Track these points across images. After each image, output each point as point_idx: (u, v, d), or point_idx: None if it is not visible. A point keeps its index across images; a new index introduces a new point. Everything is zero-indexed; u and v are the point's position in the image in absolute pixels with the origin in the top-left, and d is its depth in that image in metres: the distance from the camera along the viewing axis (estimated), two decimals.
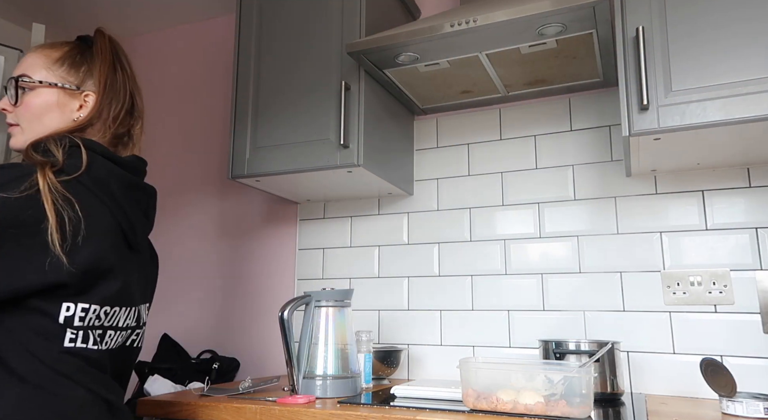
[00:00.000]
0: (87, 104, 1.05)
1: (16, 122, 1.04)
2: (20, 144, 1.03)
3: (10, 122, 1.05)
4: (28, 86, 1.03)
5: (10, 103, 1.04)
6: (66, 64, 1.05)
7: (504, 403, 1.11)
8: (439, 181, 1.88)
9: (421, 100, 1.83)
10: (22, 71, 1.04)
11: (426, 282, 1.84)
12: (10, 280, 0.82)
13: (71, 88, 1.05)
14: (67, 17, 2.45)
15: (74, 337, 0.89)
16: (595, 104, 1.71)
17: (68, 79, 1.05)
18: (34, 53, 1.06)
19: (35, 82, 1.03)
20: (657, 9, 1.29)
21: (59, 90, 1.04)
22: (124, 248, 0.99)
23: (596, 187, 1.67)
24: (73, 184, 0.91)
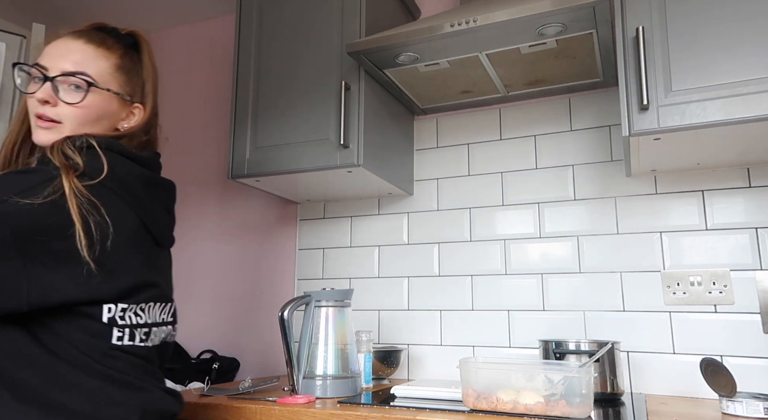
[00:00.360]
0: (134, 116, 1.03)
1: (59, 119, 0.95)
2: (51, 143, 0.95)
3: (51, 117, 0.95)
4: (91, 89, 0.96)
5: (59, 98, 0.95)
6: (125, 73, 1.01)
7: (504, 403, 1.11)
8: (439, 181, 1.88)
9: (421, 100, 1.83)
10: (78, 67, 0.96)
11: (426, 282, 1.84)
12: (42, 292, 0.80)
13: (125, 98, 1.01)
14: (67, 17, 2.45)
15: (121, 335, 0.89)
16: (595, 104, 1.71)
17: (125, 89, 1.01)
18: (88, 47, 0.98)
19: (104, 89, 0.97)
20: (657, 9, 1.29)
21: (116, 98, 1.00)
22: (153, 248, 0.98)
23: (596, 187, 1.67)
24: (97, 187, 0.88)
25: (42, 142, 0.95)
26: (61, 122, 0.95)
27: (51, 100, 0.94)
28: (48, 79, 0.94)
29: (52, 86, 0.94)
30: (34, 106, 0.96)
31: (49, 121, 0.95)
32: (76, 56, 0.97)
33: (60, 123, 0.95)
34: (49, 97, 0.94)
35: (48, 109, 0.95)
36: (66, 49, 0.97)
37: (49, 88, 0.94)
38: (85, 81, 0.95)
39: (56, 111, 0.95)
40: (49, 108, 0.95)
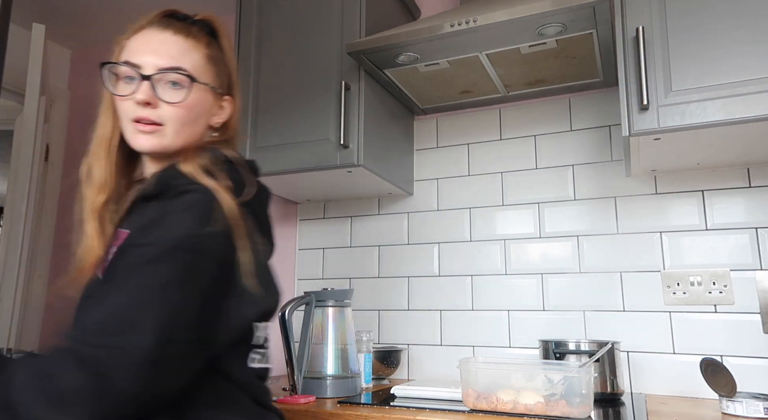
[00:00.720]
0: (224, 109, 0.93)
1: (161, 122, 0.85)
2: (161, 147, 0.86)
3: (153, 120, 0.84)
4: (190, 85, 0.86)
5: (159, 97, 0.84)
6: (214, 64, 0.91)
7: (504, 403, 1.11)
8: (439, 181, 1.88)
9: (421, 100, 1.83)
10: (175, 62, 0.85)
11: (426, 282, 1.84)
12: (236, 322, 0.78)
13: (218, 91, 0.91)
14: (67, 17, 2.45)
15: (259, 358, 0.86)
16: (595, 104, 1.71)
17: (216, 81, 0.91)
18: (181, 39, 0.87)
19: (206, 85, 0.88)
20: (657, 9, 1.29)
21: (211, 92, 0.90)
22: None
23: (596, 187, 1.67)
24: (243, 207, 0.81)
25: (144, 149, 0.85)
26: (163, 124, 0.85)
27: (152, 102, 0.84)
28: (145, 78, 0.83)
29: (152, 85, 0.84)
30: (130, 110, 0.85)
31: (150, 125, 0.84)
32: (171, 50, 0.86)
33: (162, 125, 0.85)
34: (150, 98, 0.83)
35: (149, 112, 0.84)
36: (158, 43, 0.86)
37: (149, 88, 0.83)
38: (187, 77, 0.85)
39: (157, 113, 0.84)
40: (150, 110, 0.84)
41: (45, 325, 2.46)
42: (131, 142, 0.86)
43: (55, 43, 2.65)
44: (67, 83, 2.70)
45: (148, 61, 0.85)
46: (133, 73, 0.85)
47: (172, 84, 0.85)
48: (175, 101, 0.84)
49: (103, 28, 2.55)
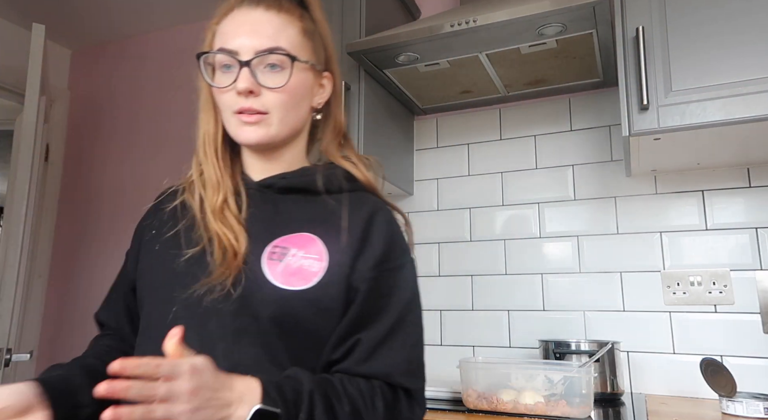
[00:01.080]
0: (324, 88, 0.84)
1: (266, 109, 0.76)
2: (269, 138, 0.77)
3: (258, 109, 0.76)
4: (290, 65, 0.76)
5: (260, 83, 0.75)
6: (310, 38, 0.81)
7: (504, 403, 1.11)
8: (439, 181, 1.88)
9: (421, 100, 1.83)
10: (273, 42, 0.76)
11: (426, 282, 1.84)
12: None
13: (317, 68, 0.81)
14: (66, 17, 2.45)
15: None
16: (595, 104, 1.71)
17: (314, 57, 0.81)
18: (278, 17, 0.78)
19: (307, 63, 0.78)
20: (657, 9, 1.29)
21: (311, 70, 0.80)
22: None
23: (596, 187, 1.67)
24: None
25: (251, 142, 0.77)
26: (268, 112, 0.76)
27: (255, 89, 0.75)
28: (245, 65, 0.74)
29: (252, 71, 0.75)
30: (232, 102, 0.76)
31: (255, 114, 0.76)
32: (266, 29, 0.76)
33: (267, 113, 0.76)
34: (252, 85, 0.74)
35: (253, 101, 0.75)
36: (251, 23, 0.76)
37: (249, 75, 0.74)
38: (286, 56, 0.75)
39: (261, 101, 0.76)
40: (253, 99, 0.75)
41: (45, 325, 2.46)
42: (236, 136, 0.78)
43: (55, 43, 2.65)
44: (67, 83, 2.70)
45: (244, 44, 0.75)
46: (231, 61, 0.76)
47: (271, 67, 0.75)
48: (278, 86, 0.75)
49: (103, 28, 2.55)
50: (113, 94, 2.59)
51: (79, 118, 2.64)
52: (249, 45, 0.75)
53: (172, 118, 2.42)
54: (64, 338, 2.42)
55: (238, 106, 0.76)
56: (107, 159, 2.52)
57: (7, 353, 1.78)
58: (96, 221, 2.47)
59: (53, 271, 2.50)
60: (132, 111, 2.52)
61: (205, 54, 0.79)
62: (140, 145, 2.46)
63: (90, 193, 2.52)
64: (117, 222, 2.42)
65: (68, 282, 2.48)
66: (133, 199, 2.41)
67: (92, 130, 2.59)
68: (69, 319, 2.43)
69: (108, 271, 2.39)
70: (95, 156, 2.56)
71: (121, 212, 2.42)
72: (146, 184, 2.40)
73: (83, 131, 2.62)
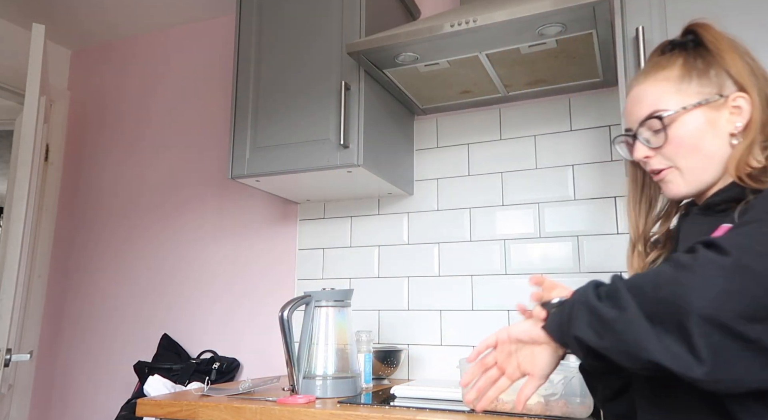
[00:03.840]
0: (739, 108, 0.84)
1: (668, 165, 0.87)
2: (685, 189, 0.86)
3: (660, 167, 0.87)
4: (670, 119, 0.85)
5: (649, 147, 0.88)
6: (694, 77, 0.86)
7: (504, 403, 1.11)
8: (439, 181, 1.88)
9: (421, 100, 1.83)
10: (649, 109, 0.87)
11: (426, 282, 1.84)
12: None
13: (714, 100, 0.85)
14: (66, 17, 2.45)
15: None
16: (595, 104, 1.71)
17: (705, 92, 0.85)
18: (648, 83, 0.89)
19: (677, 112, 0.85)
20: (657, 9, 1.29)
21: (703, 108, 0.85)
22: None
23: (596, 187, 1.67)
24: None
25: (671, 195, 0.89)
26: (670, 166, 0.87)
27: (649, 154, 0.88)
28: (635, 138, 0.90)
29: (641, 141, 0.89)
30: (644, 166, 0.92)
31: (662, 172, 0.88)
32: (644, 100, 0.88)
33: (669, 168, 0.87)
34: (644, 153, 0.88)
35: (652, 163, 0.89)
36: (634, 100, 0.90)
37: (639, 145, 0.89)
38: (657, 117, 0.86)
39: (659, 160, 0.88)
40: (652, 161, 0.89)
41: (45, 325, 2.46)
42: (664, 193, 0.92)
43: (55, 43, 2.65)
44: (67, 83, 2.70)
45: (632, 120, 0.90)
46: (627, 139, 0.92)
47: (655, 132, 0.87)
48: (656, 146, 0.87)
49: (103, 28, 2.55)
50: (113, 94, 2.59)
51: (79, 118, 2.64)
52: (634, 120, 0.90)
53: (171, 118, 2.42)
54: (64, 338, 2.43)
55: (647, 169, 0.91)
56: (107, 159, 2.53)
57: (7, 353, 1.78)
58: (96, 221, 2.47)
59: (53, 271, 2.51)
60: (132, 111, 2.52)
61: (616, 138, 0.95)
62: (140, 145, 2.46)
63: (90, 193, 2.53)
64: (117, 222, 2.42)
65: (68, 282, 2.48)
66: (132, 199, 2.41)
67: (92, 130, 2.60)
68: (69, 319, 2.43)
69: (108, 270, 2.39)
70: (95, 156, 2.56)
71: (120, 212, 2.42)
72: (146, 183, 2.40)
73: (83, 131, 2.62)
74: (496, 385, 0.81)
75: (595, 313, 0.69)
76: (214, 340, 2.13)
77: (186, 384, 1.84)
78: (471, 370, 0.83)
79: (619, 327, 0.65)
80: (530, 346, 0.79)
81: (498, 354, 0.82)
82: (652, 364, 0.63)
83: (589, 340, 0.68)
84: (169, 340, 2.13)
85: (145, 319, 2.27)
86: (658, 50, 0.93)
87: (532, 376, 0.79)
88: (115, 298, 2.36)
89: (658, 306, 0.64)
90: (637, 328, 0.64)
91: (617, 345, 0.66)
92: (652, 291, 0.65)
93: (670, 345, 0.62)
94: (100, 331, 2.35)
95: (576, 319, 0.70)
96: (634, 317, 0.65)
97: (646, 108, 0.87)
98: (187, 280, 2.23)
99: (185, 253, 2.26)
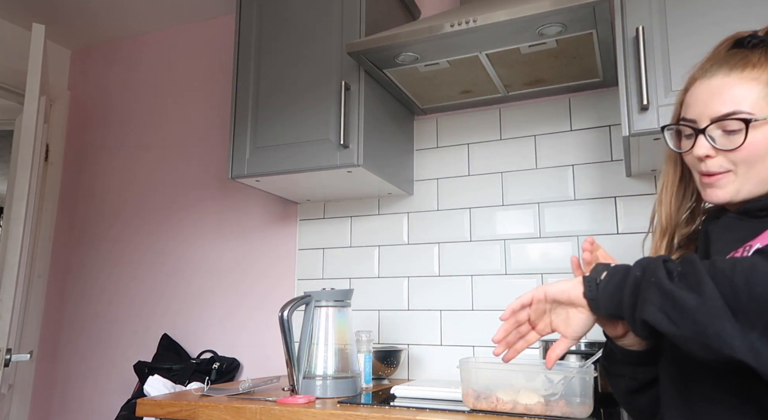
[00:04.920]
0: None
1: (727, 169, 0.81)
2: (730, 196, 0.82)
3: (717, 171, 0.82)
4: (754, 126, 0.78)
5: (715, 147, 0.81)
6: None
7: (504, 403, 1.11)
8: (439, 181, 1.88)
9: (421, 100, 1.83)
10: (730, 107, 0.80)
11: (426, 282, 1.84)
12: None
13: None
14: (66, 17, 2.45)
15: None
16: (595, 104, 1.71)
17: None
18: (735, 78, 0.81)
19: (765, 119, 0.79)
20: (657, 9, 1.29)
21: None
22: None
23: (596, 187, 1.67)
24: None
25: (714, 201, 0.84)
26: (729, 170, 0.82)
27: (710, 153, 0.82)
28: (699, 132, 0.82)
29: (706, 138, 0.82)
30: (694, 163, 0.85)
31: (715, 175, 0.82)
32: (726, 95, 0.81)
33: (727, 172, 0.82)
34: (706, 151, 0.81)
35: (710, 164, 0.82)
36: (712, 92, 0.82)
37: (703, 141, 0.82)
38: (741, 120, 0.79)
39: (719, 162, 0.82)
40: (711, 161, 0.82)
41: (45, 325, 2.46)
42: (702, 194, 0.86)
43: (55, 43, 2.65)
44: (67, 83, 2.70)
45: (701, 113, 0.82)
46: (690, 130, 0.84)
47: (731, 131, 0.80)
48: (730, 148, 0.80)
49: (103, 28, 2.55)
50: (113, 93, 2.59)
51: (79, 118, 2.64)
52: (705, 113, 0.82)
53: (172, 118, 2.42)
54: (64, 338, 2.42)
55: (698, 169, 0.84)
56: (107, 159, 2.53)
57: (7, 353, 1.78)
58: (96, 221, 2.47)
59: (53, 271, 2.50)
60: (132, 111, 2.52)
61: (667, 126, 0.88)
62: (140, 145, 2.46)
63: (90, 193, 2.53)
64: (117, 222, 2.42)
65: (68, 282, 2.48)
66: (132, 198, 2.41)
67: (92, 130, 2.59)
68: (69, 319, 2.43)
69: (108, 270, 2.39)
70: (95, 156, 2.56)
71: (120, 212, 2.42)
72: (146, 183, 2.40)
73: (83, 131, 2.62)
74: (525, 338, 0.85)
75: (669, 297, 0.65)
76: (214, 340, 2.13)
77: (186, 384, 1.84)
78: (504, 327, 0.87)
79: (699, 317, 0.62)
80: (566, 307, 0.80)
81: (532, 311, 0.84)
82: (734, 360, 0.60)
83: (662, 326, 0.65)
84: (169, 340, 2.13)
85: (145, 319, 2.27)
86: (738, 42, 0.85)
87: (564, 337, 0.81)
88: (115, 298, 2.35)
89: (750, 302, 0.60)
90: (722, 322, 0.61)
91: (695, 336, 0.62)
92: (744, 284, 0.61)
93: (757, 344, 0.60)
94: (100, 331, 2.35)
95: (646, 301, 0.67)
96: (716, 308, 0.61)
97: (727, 105, 0.80)
98: (187, 280, 2.23)
99: (185, 252, 2.26)
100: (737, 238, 0.81)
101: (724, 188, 0.82)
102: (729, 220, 0.84)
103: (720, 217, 0.86)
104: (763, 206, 0.81)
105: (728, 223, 0.84)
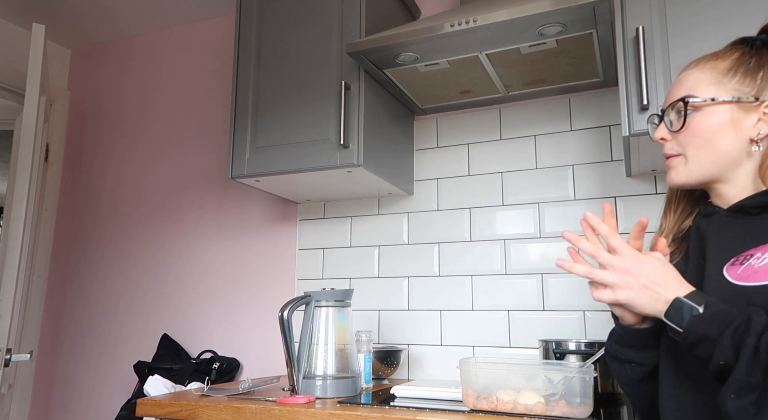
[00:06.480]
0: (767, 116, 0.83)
1: (679, 152, 0.87)
2: (684, 178, 0.87)
3: (670, 153, 0.88)
4: (695, 107, 0.84)
5: (670, 130, 0.87)
6: (739, 74, 0.85)
7: (504, 403, 1.11)
8: (439, 181, 1.88)
9: (421, 100, 1.83)
10: (686, 91, 0.86)
11: (426, 282, 1.84)
12: None
13: (747, 101, 0.83)
14: (67, 17, 2.45)
15: None
16: (595, 104, 1.71)
17: (742, 91, 0.84)
18: (697, 68, 0.88)
19: (704, 101, 0.84)
20: (657, 9, 1.29)
21: (732, 105, 0.84)
22: None
23: (596, 187, 1.67)
24: None
25: (671, 183, 0.89)
26: (679, 154, 0.87)
27: (666, 136, 0.88)
28: (660, 118, 0.89)
29: (665, 122, 0.88)
30: None
31: (671, 158, 0.88)
32: (684, 84, 0.88)
33: (678, 155, 0.87)
34: (660, 134, 0.88)
35: (666, 147, 0.88)
36: (677, 82, 0.89)
37: (661, 126, 0.89)
38: (681, 101, 0.85)
39: (672, 145, 0.88)
40: (667, 144, 0.88)
41: (45, 325, 2.46)
42: None
43: (55, 43, 2.65)
44: (67, 83, 2.70)
45: (666, 102, 0.90)
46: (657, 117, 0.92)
47: (678, 113, 0.87)
48: (674, 129, 0.87)
49: (103, 28, 2.55)
50: (113, 93, 2.59)
51: (79, 118, 2.64)
52: (668, 100, 0.89)
53: (171, 118, 2.42)
54: (64, 338, 2.43)
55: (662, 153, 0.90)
56: (107, 159, 2.53)
57: (7, 353, 1.78)
58: (96, 221, 2.47)
59: (53, 271, 2.51)
60: (132, 111, 2.52)
61: (652, 115, 0.95)
62: (140, 145, 2.46)
63: (90, 193, 2.53)
64: (117, 221, 2.42)
65: (68, 282, 2.48)
66: (132, 198, 2.41)
67: (92, 130, 2.59)
68: (69, 319, 2.43)
69: (108, 270, 2.39)
70: (95, 156, 2.56)
71: (120, 212, 2.42)
72: (146, 183, 2.40)
73: (83, 131, 2.62)
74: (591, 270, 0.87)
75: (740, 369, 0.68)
76: (214, 340, 2.13)
77: (186, 384, 1.84)
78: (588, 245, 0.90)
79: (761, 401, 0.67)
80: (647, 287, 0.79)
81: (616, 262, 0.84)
82: None
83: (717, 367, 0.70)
84: (169, 340, 2.13)
85: (145, 319, 2.27)
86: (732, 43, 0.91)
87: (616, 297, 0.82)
88: (115, 297, 2.36)
89: None
90: None
91: None
92: None
93: None
94: (100, 331, 2.35)
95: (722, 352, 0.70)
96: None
97: (682, 91, 0.87)
98: (187, 280, 2.23)
99: (185, 252, 2.26)
100: (733, 236, 0.82)
101: (676, 169, 0.88)
102: (722, 218, 0.86)
103: (712, 215, 0.88)
104: (757, 204, 0.82)
105: (722, 221, 0.85)
